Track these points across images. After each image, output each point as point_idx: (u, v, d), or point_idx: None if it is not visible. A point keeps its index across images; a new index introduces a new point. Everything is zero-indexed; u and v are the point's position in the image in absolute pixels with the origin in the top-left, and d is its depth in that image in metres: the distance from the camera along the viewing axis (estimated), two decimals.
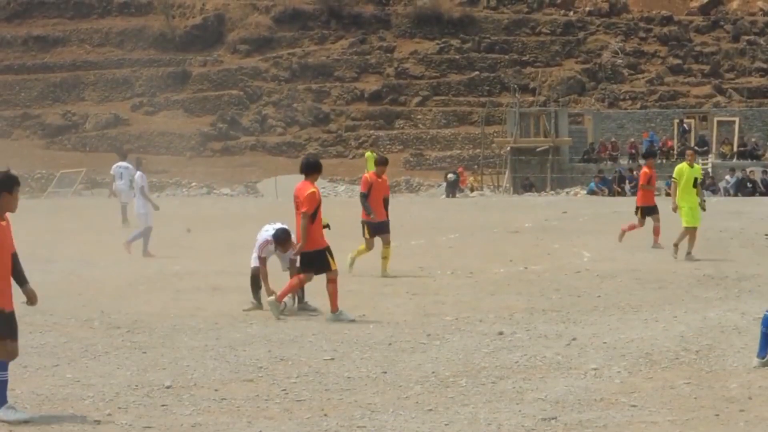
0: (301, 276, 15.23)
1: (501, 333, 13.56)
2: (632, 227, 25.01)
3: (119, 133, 74.89)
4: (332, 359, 12.14)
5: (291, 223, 16.12)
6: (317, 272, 15.18)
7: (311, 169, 15.42)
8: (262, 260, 15.98)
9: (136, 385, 10.86)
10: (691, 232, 22.26)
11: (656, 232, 24.56)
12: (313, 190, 15.11)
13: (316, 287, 16.00)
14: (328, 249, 15.15)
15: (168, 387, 10.81)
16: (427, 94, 77.90)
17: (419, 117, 76.89)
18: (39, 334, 13.89)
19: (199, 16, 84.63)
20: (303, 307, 15.84)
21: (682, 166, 22.82)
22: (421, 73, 79.34)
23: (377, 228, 20.28)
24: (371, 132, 75.28)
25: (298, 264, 15.57)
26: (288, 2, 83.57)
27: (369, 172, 21.39)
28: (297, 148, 74.45)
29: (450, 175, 58.25)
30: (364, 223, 20.32)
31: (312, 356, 12.29)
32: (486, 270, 20.48)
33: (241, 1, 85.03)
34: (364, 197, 20.42)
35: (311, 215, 15.01)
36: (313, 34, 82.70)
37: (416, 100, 77.80)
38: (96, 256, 23.66)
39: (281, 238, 15.67)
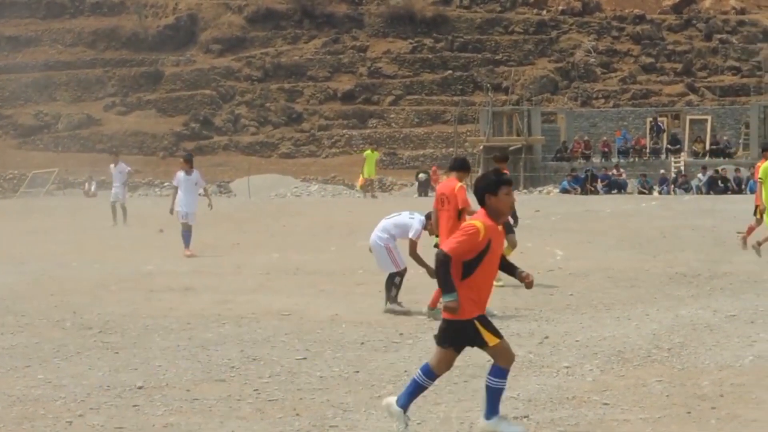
0: None
1: None
2: (751, 229, 22.52)
3: (91, 133, 74.70)
4: (304, 359, 12.10)
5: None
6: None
7: (457, 166, 15.43)
8: (414, 243, 15.58)
9: (108, 386, 10.81)
10: None
11: (751, 230, 23.39)
12: (461, 184, 15.11)
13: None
14: None
15: (140, 387, 10.76)
16: (400, 94, 78.00)
17: (392, 116, 76.96)
18: (10, 335, 13.82)
19: (171, 15, 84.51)
20: (391, 309, 15.61)
21: (767, 165, 22.13)
22: (394, 73, 79.45)
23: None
24: (344, 131, 75.32)
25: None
26: (261, 2, 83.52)
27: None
28: (270, 148, 74.48)
29: (421, 175, 58.20)
30: None
31: (284, 356, 12.25)
32: None
33: (214, 1, 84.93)
34: None
35: (460, 210, 14.89)
36: (286, 33, 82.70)
37: (389, 99, 77.88)
38: (68, 257, 23.57)
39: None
